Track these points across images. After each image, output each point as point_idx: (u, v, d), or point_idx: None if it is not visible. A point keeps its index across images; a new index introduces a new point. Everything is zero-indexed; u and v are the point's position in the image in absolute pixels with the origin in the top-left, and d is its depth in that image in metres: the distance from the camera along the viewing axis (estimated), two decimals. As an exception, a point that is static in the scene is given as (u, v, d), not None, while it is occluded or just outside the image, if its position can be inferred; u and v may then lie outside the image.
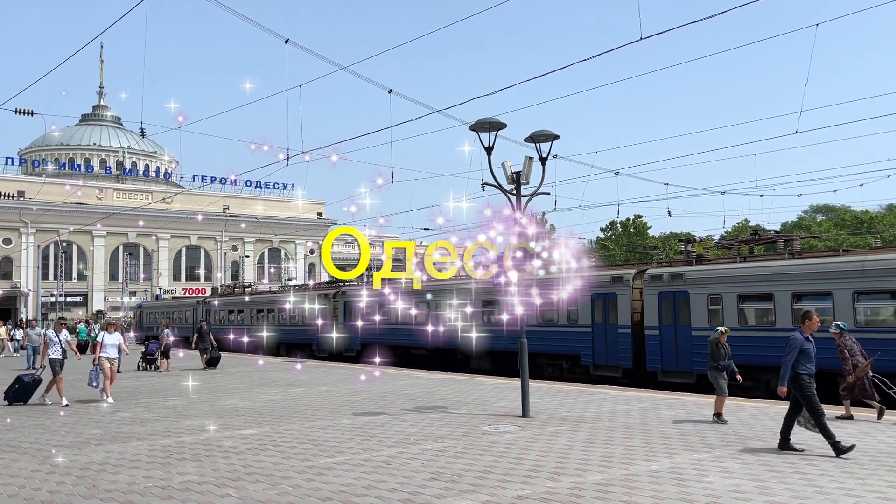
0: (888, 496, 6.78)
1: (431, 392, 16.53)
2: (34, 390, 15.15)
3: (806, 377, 8.98)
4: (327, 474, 8.12)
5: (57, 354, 15.04)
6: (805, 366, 9.01)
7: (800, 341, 9.06)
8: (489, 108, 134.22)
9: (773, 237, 21.60)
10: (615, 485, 7.39)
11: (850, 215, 67.90)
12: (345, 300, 32.20)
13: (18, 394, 14.99)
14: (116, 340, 16.00)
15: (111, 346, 15.84)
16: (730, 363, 11.85)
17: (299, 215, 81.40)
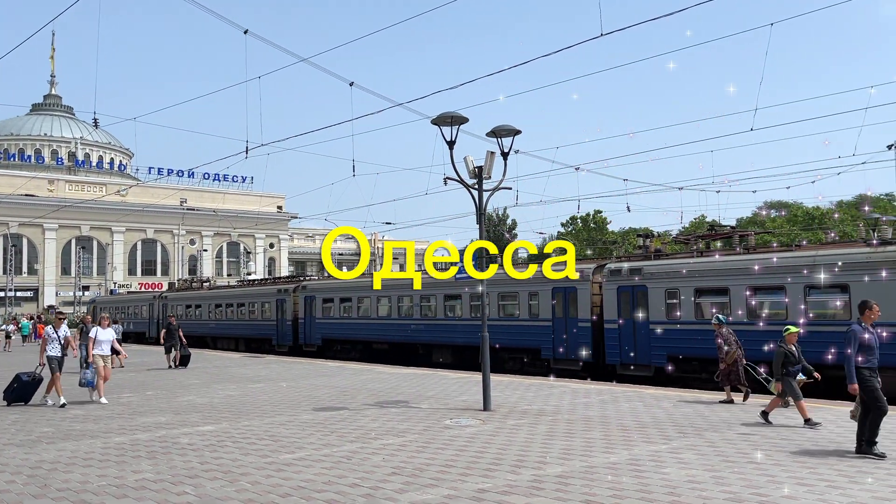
0: (837, 484, 6.98)
1: (393, 387, 16.49)
2: (34, 389, 14.30)
3: (866, 371, 8.30)
4: (287, 470, 8.04)
5: (56, 352, 14.07)
6: (866, 358, 8.35)
7: (858, 332, 8.46)
8: (451, 103, 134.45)
9: (729, 233, 22.04)
10: (575, 477, 7.47)
11: (802, 211, 69.73)
12: (305, 295, 31.93)
13: (18, 393, 14.16)
14: (111, 336, 15.01)
15: (106, 342, 14.81)
16: (801, 365, 10.97)
17: (259, 209, 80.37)
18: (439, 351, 25.48)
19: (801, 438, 9.43)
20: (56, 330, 14.25)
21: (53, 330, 14.25)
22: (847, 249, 16.06)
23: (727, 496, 6.60)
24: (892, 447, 8.64)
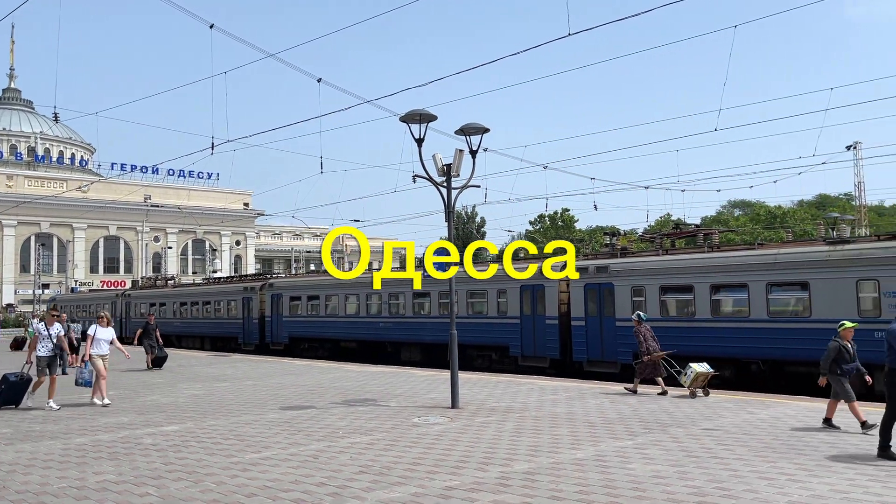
0: (797, 477, 7.14)
1: (361, 385, 16.43)
2: (24, 390, 13.51)
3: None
4: (253, 470, 7.96)
5: (46, 352, 13.29)
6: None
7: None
8: (420, 100, 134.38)
9: (693, 231, 22.39)
10: (541, 473, 7.52)
11: (764, 210, 71.16)
12: (272, 293, 31.62)
13: (7, 395, 13.36)
14: (110, 335, 14.23)
15: (105, 341, 14.06)
16: (855, 364, 10.11)
17: (225, 206, 79.37)
18: (408, 349, 25.45)
19: (762, 434, 9.61)
20: (48, 328, 13.42)
21: (45, 328, 13.42)
22: (807, 248, 16.42)
23: (691, 491, 6.70)
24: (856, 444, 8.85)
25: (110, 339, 14.24)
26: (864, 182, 58.05)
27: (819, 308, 15.44)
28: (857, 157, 55.25)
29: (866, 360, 14.92)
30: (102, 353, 13.98)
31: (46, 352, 13.32)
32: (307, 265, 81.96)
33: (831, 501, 6.26)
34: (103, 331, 14.12)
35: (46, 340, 13.33)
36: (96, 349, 13.90)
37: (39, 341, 13.30)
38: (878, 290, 14.66)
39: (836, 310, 15.13)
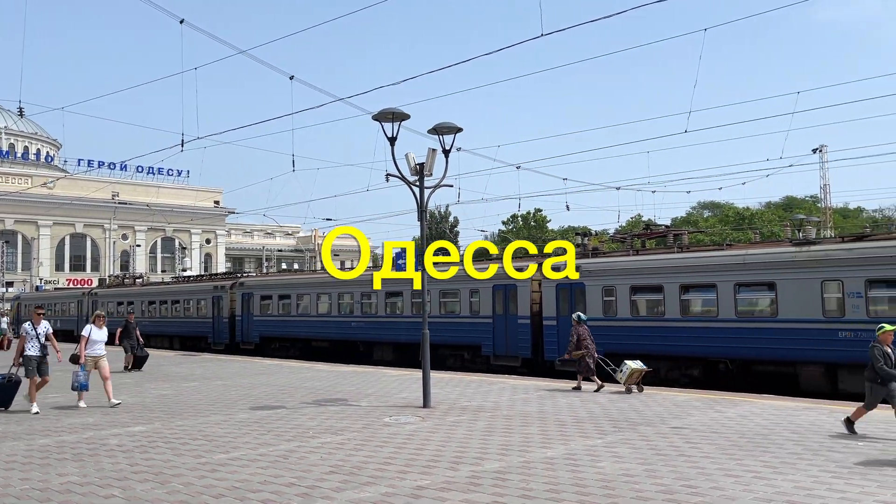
0: (762, 475, 7.25)
1: (332, 385, 16.34)
2: (14, 393, 12.90)
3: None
4: (221, 471, 7.86)
5: (35, 351, 12.71)
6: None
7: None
8: (393, 99, 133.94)
9: (664, 232, 22.64)
10: (512, 472, 7.54)
11: (733, 212, 72.24)
12: (243, 291, 31.31)
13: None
14: (105, 336, 13.69)
15: (100, 342, 13.53)
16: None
17: (195, 203, 78.39)
18: (380, 348, 25.38)
19: (730, 432, 9.75)
20: (35, 326, 12.85)
21: (31, 326, 12.83)
22: (774, 249, 16.70)
23: (659, 489, 6.77)
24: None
25: (105, 340, 13.73)
26: (829, 184, 59.27)
27: (785, 308, 15.71)
28: (822, 160, 56.38)
29: (829, 360, 15.28)
30: (97, 354, 13.49)
31: (35, 351, 12.79)
32: (278, 264, 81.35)
33: (795, 498, 6.37)
34: (98, 332, 13.60)
35: (34, 340, 12.81)
36: (91, 351, 13.41)
37: (27, 341, 12.78)
38: (842, 290, 14.96)
39: (802, 310, 15.42)
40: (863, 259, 14.79)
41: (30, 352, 12.75)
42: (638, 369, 14.29)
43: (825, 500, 6.28)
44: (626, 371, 14.25)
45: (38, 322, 13.00)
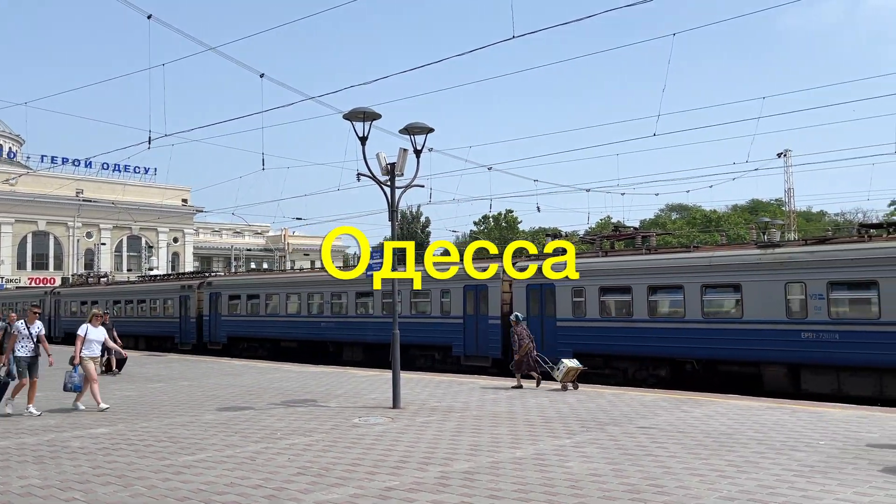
0: (726, 473, 7.36)
1: (301, 385, 16.21)
2: (2, 394, 12.43)
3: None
4: (186, 473, 7.75)
5: (27, 352, 12.17)
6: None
7: None
8: (364, 98, 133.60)
9: (632, 233, 22.89)
10: (481, 473, 7.55)
11: (700, 214, 73.30)
12: (211, 291, 30.93)
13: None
14: (102, 336, 13.19)
15: (97, 342, 13.00)
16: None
17: (162, 201, 77.22)
18: (350, 349, 25.26)
19: (695, 432, 9.88)
20: (28, 326, 12.33)
21: (25, 325, 12.32)
22: (740, 251, 16.98)
23: (626, 488, 6.83)
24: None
25: (102, 339, 13.20)
26: (793, 188, 60.38)
27: (750, 309, 15.98)
28: (787, 164, 57.44)
29: (792, 360, 15.58)
30: (94, 355, 12.93)
31: (27, 352, 12.22)
32: (247, 263, 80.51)
33: (758, 496, 6.48)
34: (95, 331, 13.02)
35: (27, 340, 12.24)
36: (87, 351, 12.82)
37: (19, 340, 12.21)
38: (804, 292, 15.27)
39: (767, 311, 15.70)
40: (825, 262, 15.11)
41: (21, 352, 12.21)
42: (574, 367, 14.81)
43: (787, 499, 6.39)
44: (562, 369, 14.79)
45: (32, 321, 12.46)
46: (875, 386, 14.42)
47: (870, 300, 14.60)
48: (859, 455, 8.12)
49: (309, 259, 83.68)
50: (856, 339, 14.51)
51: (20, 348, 12.23)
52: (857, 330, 14.59)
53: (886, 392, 14.21)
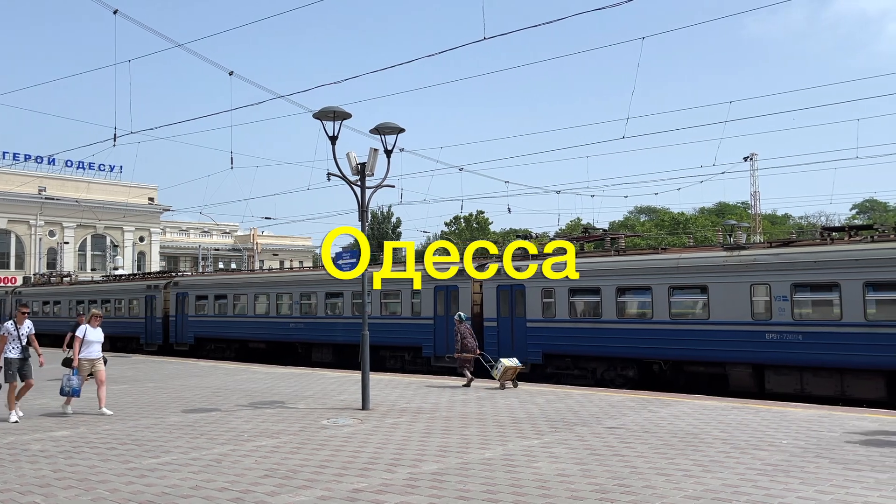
0: (692, 473, 7.44)
1: (269, 387, 16.05)
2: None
3: None
4: (150, 476, 7.61)
5: (15, 353, 11.62)
6: None
7: None
8: (335, 97, 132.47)
9: (601, 235, 23.07)
10: (450, 474, 7.53)
11: (668, 216, 74.23)
12: (177, 291, 30.48)
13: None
14: (101, 337, 12.68)
15: (96, 342, 12.53)
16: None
17: (128, 200, 75.94)
18: (319, 350, 25.09)
19: (662, 432, 9.98)
20: (17, 326, 11.78)
21: (14, 326, 11.77)
22: (706, 253, 17.22)
23: (594, 488, 6.87)
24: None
25: (101, 340, 12.70)
26: (759, 191, 61.46)
27: (717, 311, 16.21)
28: (753, 167, 58.47)
29: (757, 361, 15.85)
30: (92, 357, 12.48)
31: (16, 354, 11.69)
32: (215, 263, 79.52)
33: (722, 495, 6.56)
34: (94, 332, 12.55)
35: (16, 341, 11.72)
36: (86, 353, 12.38)
37: (8, 342, 11.70)
38: (769, 293, 15.53)
39: (732, 312, 15.94)
40: (789, 264, 15.39)
41: (10, 354, 11.67)
42: (512, 366, 15.30)
43: (751, 497, 6.49)
44: (500, 368, 15.26)
45: (21, 322, 11.92)
46: (837, 386, 14.73)
47: (832, 302, 14.90)
48: (821, 454, 8.27)
49: (278, 259, 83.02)
50: (818, 339, 14.81)
51: (9, 350, 11.72)
52: (820, 331, 14.89)
53: (847, 392, 14.52)
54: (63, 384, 12.25)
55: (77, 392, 12.25)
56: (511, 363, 15.37)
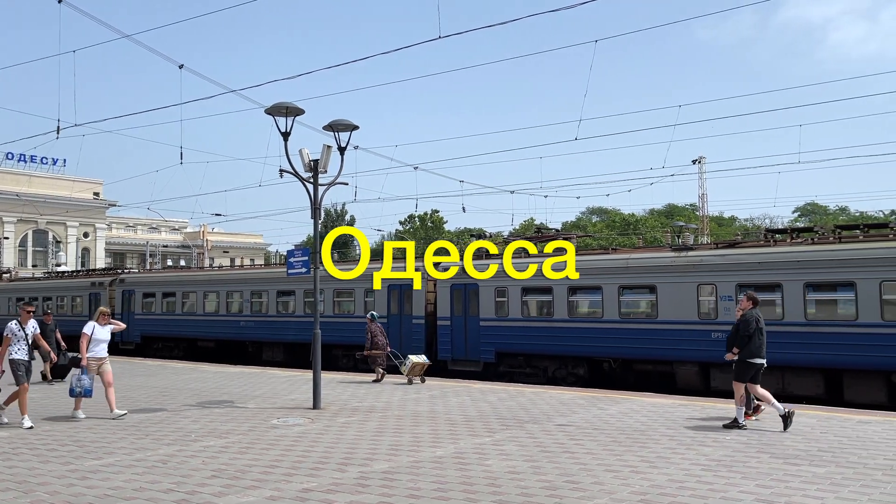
0: (639, 469, 7.59)
1: (218, 386, 15.77)
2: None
3: None
4: (92, 478, 7.40)
5: (22, 355, 10.90)
6: None
7: None
8: (288, 93, 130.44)
9: (554, 235, 23.31)
10: (401, 472, 7.52)
11: (619, 217, 75.51)
12: (123, 288, 29.74)
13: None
14: (108, 336, 11.98)
15: (103, 342, 11.82)
16: None
17: (72, 194, 73.69)
18: (270, 349, 24.77)
19: (611, 429, 10.15)
20: (23, 326, 11.07)
21: (19, 326, 11.04)
22: (655, 254, 17.57)
23: (543, 485, 6.95)
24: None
25: (108, 339, 12.02)
26: (706, 194, 63.11)
27: (665, 310, 16.55)
28: (701, 170, 59.96)
29: (703, 359, 16.23)
30: (99, 356, 11.76)
31: (23, 355, 10.94)
32: (163, 260, 77.78)
33: (668, 490, 6.71)
34: (102, 330, 11.84)
35: (22, 342, 10.98)
36: (93, 352, 11.68)
37: (13, 343, 10.93)
38: (715, 293, 15.93)
39: (680, 312, 16.30)
40: (734, 264, 15.81)
41: (17, 355, 10.91)
42: (420, 362, 15.84)
43: (695, 492, 6.64)
44: (408, 364, 15.79)
45: (26, 321, 11.17)
46: (778, 383, 15.18)
47: (774, 302, 15.36)
48: (762, 449, 8.53)
49: (229, 256, 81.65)
50: (761, 338, 15.22)
51: (16, 351, 10.97)
52: (763, 330, 15.30)
53: (788, 389, 14.99)
54: (73, 385, 11.45)
55: (89, 392, 11.45)
56: (419, 359, 15.91)
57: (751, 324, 10.00)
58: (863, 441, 8.99)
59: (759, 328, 10.03)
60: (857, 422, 10.48)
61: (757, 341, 10.04)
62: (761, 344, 10.10)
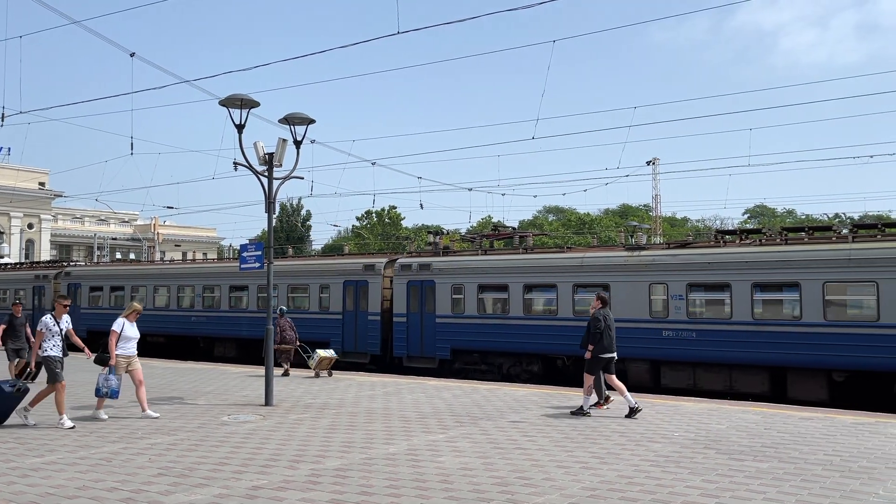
0: (590, 465, 7.68)
1: (167, 382, 15.45)
2: (16, 404, 10.31)
3: None
4: (33, 476, 7.17)
5: (56, 351, 10.27)
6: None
7: None
8: (244, 85, 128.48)
9: (511, 233, 23.50)
10: (353, 469, 7.47)
11: (575, 216, 76.40)
12: (69, 282, 28.89)
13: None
14: (138, 333, 11.38)
15: (133, 339, 11.25)
16: None
17: (16, 184, 71.27)
18: (222, 344, 24.37)
19: (563, 425, 10.26)
20: (57, 321, 10.46)
21: (53, 320, 10.44)
22: (609, 253, 17.82)
23: (495, 482, 6.98)
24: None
25: (138, 337, 11.48)
26: (660, 195, 64.32)
27: (618, 308, 16.77)
28: (655, 171, 61.05)
29: (654, 357, 16.53)
30: (129, 353, 11.20)
31: (58, 351, 10.31)
32: (112, 253, 75.83)
33: (617, 486, 6.81)
34: (131, 327, 11.28)
35: (56, 337, 10.36)
36: (122, 350, 11.11)
37: (47, 338, 10.31)
38: (666, 293, 16.24)
39: (633, 310, 16.56)
40: (685, 265, 16.14)
41: (52, 351, 10.28)
42: (327, 357, 16.20)
43: (644, 487, 6.76)
44: (315, 358, 16.11)
45: (60, 315, 10.60)
46: (726, 381, 15.57)
47: (723, 301, 15.74)
48: (709, 445, 8.72)
49: (180, 250, 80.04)
50: (710, 337, 15.60)
51: (51, 347, 10.33)
52: (712, 329, 15.69)
53: (735, 386, 15.37)
54: (99, 384, 10.83)
55: (116, 393, 10.81)
56: (326, 354, 16.16)
57: (600, 322, 10.96)
58: (804, 437, 9.27)
59: (607, 325, 11.00)
60: (799, 418, 10.80)
61: (607, 338, 11.00)
62: (611, 339, 11.08)
